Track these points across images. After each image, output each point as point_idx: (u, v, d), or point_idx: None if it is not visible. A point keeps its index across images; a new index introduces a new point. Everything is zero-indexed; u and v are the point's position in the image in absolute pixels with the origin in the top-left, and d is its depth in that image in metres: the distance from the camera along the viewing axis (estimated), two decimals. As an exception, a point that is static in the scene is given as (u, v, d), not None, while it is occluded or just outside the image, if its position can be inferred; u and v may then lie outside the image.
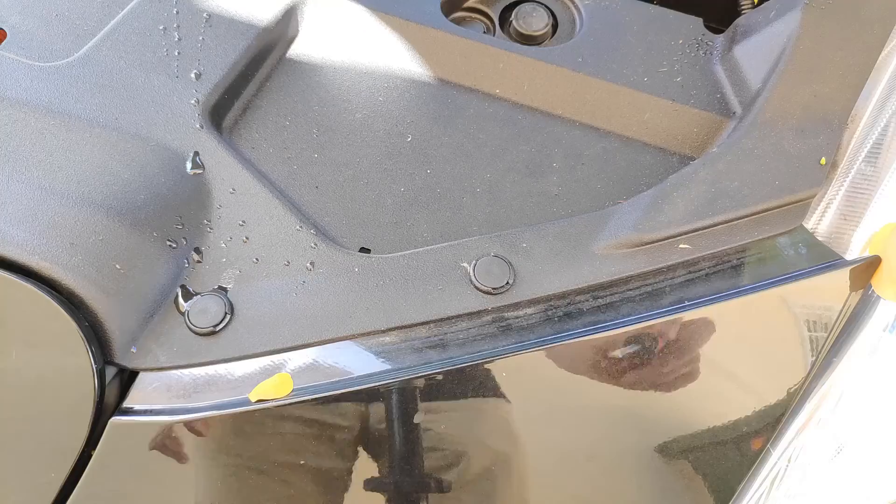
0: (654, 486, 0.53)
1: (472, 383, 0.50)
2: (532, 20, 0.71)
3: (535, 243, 0.54)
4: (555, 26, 0.72)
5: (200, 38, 0.65)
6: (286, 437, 0.50)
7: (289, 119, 0.65)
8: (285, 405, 0.49)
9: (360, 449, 0.51)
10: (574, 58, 0.66)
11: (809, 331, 0.53)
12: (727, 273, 0.53)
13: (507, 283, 0.52)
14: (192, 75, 0.62)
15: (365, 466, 0.51)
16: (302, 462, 0.50)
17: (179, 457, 0.50)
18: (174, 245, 0.55)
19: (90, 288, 0.50)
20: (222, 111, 0.63)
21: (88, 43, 0.64)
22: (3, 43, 0.65)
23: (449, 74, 0.67)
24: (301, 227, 0.56)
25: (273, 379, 0.50)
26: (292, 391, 0.49)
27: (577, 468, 0.52)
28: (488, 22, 0.74)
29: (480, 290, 0.52)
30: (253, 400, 0.49)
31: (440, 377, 0.49)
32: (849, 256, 0.54)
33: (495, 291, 0.52)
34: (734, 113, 0.62)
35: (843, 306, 0.53)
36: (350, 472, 0.51)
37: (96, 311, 0.50)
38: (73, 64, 0.62)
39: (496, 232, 0.57)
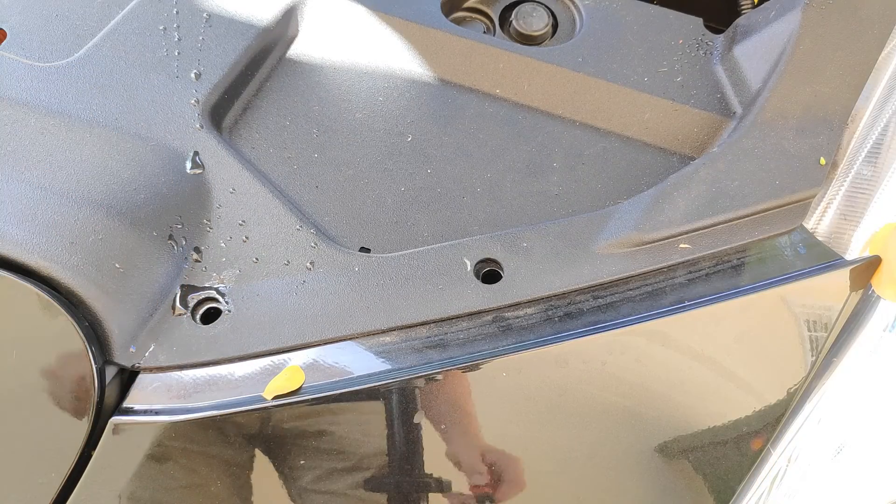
0: (655, 486, 0.53)
1: (471, 383, 0.50)
2: (532, 20, 0.71)
3: (535, 243, 0.54)
4: (555, 26, 0.72)
5: (200, 38, 0.65)
6: (287, 436, 0.50)
7: (289, 119, 0.65)
8: (286, 405, 0.49)
9: (361, 449, 0.50)
10: (574, 58, 0.66)
11: (809, 331, 0.53)
12: (727, 273, 0.53)
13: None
14: (192, 75, 0.62)
15: (365, 466, 0.51)
16: (302, 462, 0.50)
17: (180, 457, 0.50)
18: (174, 244, 0.55)
19: (90, 287, 0.50)
20: (222, 111, 0.63)
21: (88, 43, 0.64)
22: (3, 43, 0.65)
23: (449, 74, 0.67)
24: (301, 226, 0.56)
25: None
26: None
27: (578, 468, 0.52)
28: (488, 22, 0.74)
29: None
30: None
31: (440, 377, 0.49)
32: (849, 256, 0.54)
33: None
34: (734, 113, 0.62)
35: (843, 306, 0.53)
36: (351, 471, 0.51)
37: (96, 311, 0.50)
38: (73, 64, 0.62)
39: (496, 231, 0.57)
